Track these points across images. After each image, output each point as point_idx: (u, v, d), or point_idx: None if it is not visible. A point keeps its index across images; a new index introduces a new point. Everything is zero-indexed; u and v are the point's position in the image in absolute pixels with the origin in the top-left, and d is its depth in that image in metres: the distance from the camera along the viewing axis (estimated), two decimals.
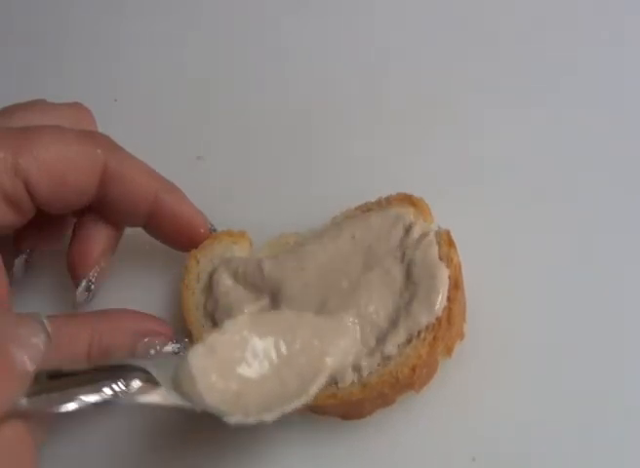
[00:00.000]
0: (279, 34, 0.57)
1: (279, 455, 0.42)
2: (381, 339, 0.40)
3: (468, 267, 0.42)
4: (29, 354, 0.33)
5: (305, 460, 0.42)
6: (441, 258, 0.42)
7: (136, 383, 0.34)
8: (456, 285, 0.41)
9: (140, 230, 0.47)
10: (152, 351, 0.38)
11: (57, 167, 0.42)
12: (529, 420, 0.41)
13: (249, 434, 0.41)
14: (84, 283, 0.45)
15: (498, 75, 0.52)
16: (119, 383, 0.34)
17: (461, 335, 0.42)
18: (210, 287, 0.45)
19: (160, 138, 0.54)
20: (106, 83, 0.58)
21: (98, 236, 0.46)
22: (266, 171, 0.52)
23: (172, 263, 0.48)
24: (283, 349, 0.38)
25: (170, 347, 0.39)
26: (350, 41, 0.56)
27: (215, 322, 0.43)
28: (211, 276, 0.45)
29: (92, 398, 0.34)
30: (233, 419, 0.35)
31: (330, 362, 0.38)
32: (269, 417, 0.35)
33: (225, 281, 0.44)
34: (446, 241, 0.42)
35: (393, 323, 0.41)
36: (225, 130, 0.54)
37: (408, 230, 0.43)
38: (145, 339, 0.39)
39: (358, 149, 0.51)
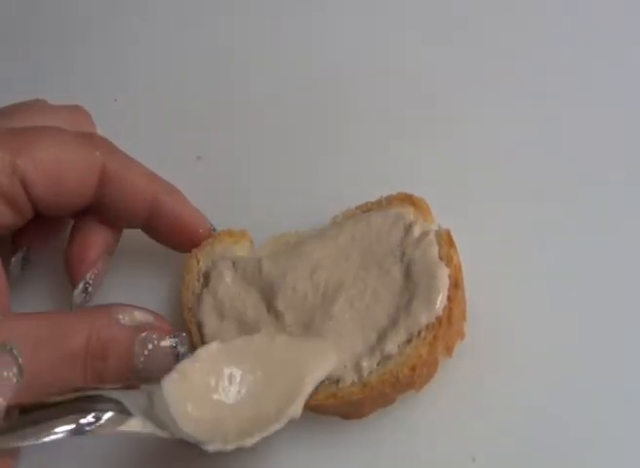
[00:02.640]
0: (279, 34, 0.57)
1: (279, 455, 0.42)
2: (382, 339, 0.40)
3: (468, 267, 0.42)
4: (0, 388, 0.32)
5: (305, 460, 0.42)
6: (441, 258, 0.42)
7: (107, 415, 0.34)
8: (456, 284, 0.41)
9: (139, 230, 0.47)
10: (150, 345, 0.38)
11: (54, 168, 0.42)
12: (529, 420, 0.41)
13: None
14: (81, 284, 0.45)
15: (498, 75, 0.52)
16: (89, 416, 0.34)
17: (462, 335, 0.42)
18: (208, 283, 0.45)
19: (160, 138, 0.54)
20: (106, 83, 0.58)
21: (96, 238, 0.46)
22: (266, 170, 0.52)
23: (172, 263, 0.48)
24: (258, 374, 0.37)
25: (167, 341, 0.39)
26: (350, 41, 0.56)
27: (200, 324, 0.44)
28: (210, 273, 0.45)
29: (63, 432, 0.33)
30: (211, 447, 0.35)
31: (309, 381, 0.38)
32: (249, 442, 0.35)
33: (225, 278, 0.44)
34: (446, 241, 0.42)
35: (393, 322, 0.41)
36: (225, 130, 0.54)
37: (408, 230, 0.43)
38: (143, 334, 0.39)
39: (358, 149, 0.51)
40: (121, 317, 0.39)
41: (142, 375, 0.38)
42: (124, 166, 0.44)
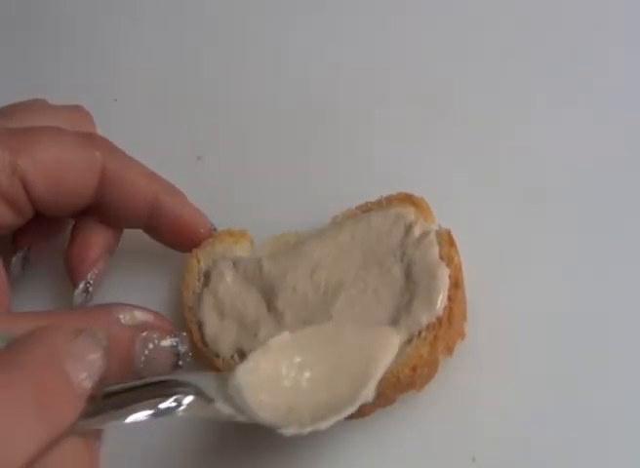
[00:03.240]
0: (279, 34, 0.57)
1: (279, 455, 0.42)
2: None
3: (469, 267, 0.42)
4: (87, 372, 0.32)
5: (305, 460, 0.42)
6: (441, 258, 0.42)
7: (188, 399, 0.34)
8: (456, 284, 0.41)
9: (139, 230, 0.47)
10: (150, 345, 0.38)
11: (54, 168, 0.42)
12: (529, 420, 0.41)
13: (247, 434, 0.41)
14: (82, 284, 0.45)
15: (498, 75, 0.52)
16: (171, 400, 0.34)
17: (462, 335, 0.42)
18: (209, 282, 0.45)
19: (160, 138, 0.54)
20: (106, 83, 0.58)
21: (96, 238, 0.46)
22: (267, 170, 0.52)
23: (172, 263, 0.48)
24: (329, 360, 0.38)
25: (168, 341, 0.39)
26: (350, 41, 0.56)
27: (201, 323, 0.44)
28: (210, 272, 0.45)
29: (147, 414, 0.33)
30: (289, 431, 0.34)
31: (379, 364, 0.38)
32: (324, 426, 0.35)
33: (226, 278, 0.44)
34: (446, 240, 0.42)
35: (394, 322, 0.41)
36: (225, 130, 0.54)
37: (408, 230, 0.43)
38: (144, 333, 0.39)
39: (358, 149, 0.51)
40: (121, 316, 0.39)
41: (143, 375, 0.38)
42: (124, 166, 0.44)
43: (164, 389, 0.34)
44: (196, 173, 0.52)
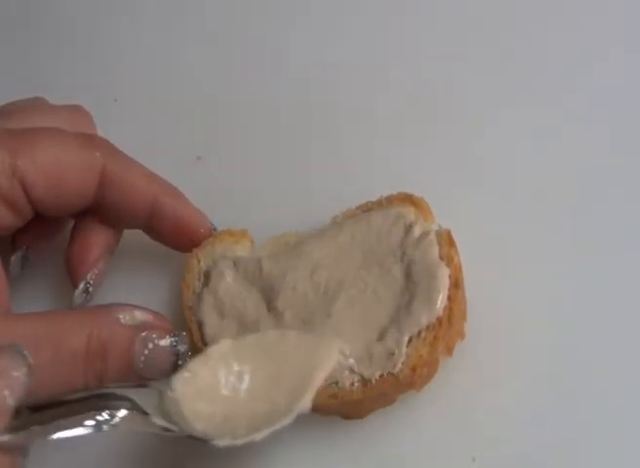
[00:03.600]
0: (279, 34, 0.57)
1: (279, 455, 0.42)
2: (382, 338, 0.40)
3: (469, 267, 0.42)
4: (10, 388, 0.32)
5: (305, 460, 0.42)
6: (441, 258, 0.42)
7: (121, 413, 0.34)
8: (456, 284, 0.41)
9: (140, 230, 0.47)
10: (150, 345, 0.38)
11: (54, 169, 0.42)
12: (529, 420, 0.41)
13: None
14: (82, 285, 0.45)
15: (498, 75, 0.52)
16: (104, 414, 0.34)
17: (462, 335, 0.42)
18: (209, 282, 0.45)
19: (160, 138, 0.54)
20: (106, 83, 0.58)
21: (96, 238, 0.46)
22: (267, 170, 0.52)
23: (172, 263, 0.48)
24: (269, 369, 0.38)
25: (167, 341, 0.39)
26: (350, 41, 0.56)
27: (201, 323, 0.44)
28: (211, 272, 0.45)
29: (76, 430, 0.33)
30: (222, 443, 0.35)
31: (317, 375, 0.38)
32: (258, 437, 0.35)
33: (226, 278, 0.44)
34: (446, 240, 0.42)
35: (394, 322, 0.41)
36: (225, 130, 0.54)
37: (408, 230, 0.43)
38: (143, 333, 0.39)
39: (358, 149, 0.51)
40: (121, 316, 0.39)
41: (143, 375, 0.38)
42: (124, 167, 0.44)
43: (95, 402, 0.34)
44: (196, 173, 0.52)
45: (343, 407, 0.41)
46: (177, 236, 0.46)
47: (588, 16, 0.53)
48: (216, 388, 0.37)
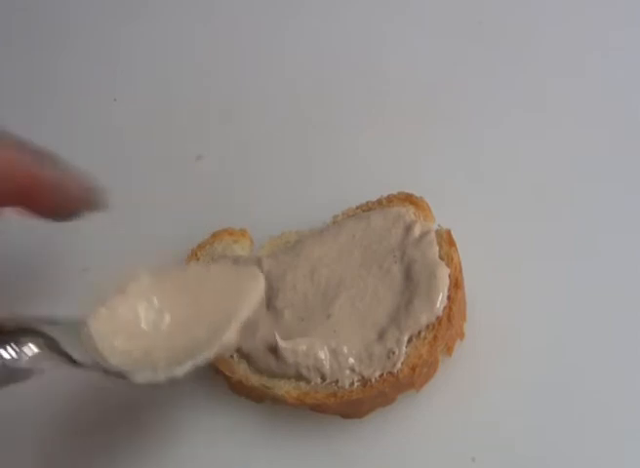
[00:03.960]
0: (279, 34, 0.57)
1: (279, 454, 0.42)
2: (382, 338, 0.40)
3: (468, 267, 0.42)
4: None
5: (306, 459, 0.42)
6: (441, 258, 0.42)
7: (29, 348, 0.33)
8: (456, 284, 0.41)
9: (140, 229, 0.47)
10: None
11: None
12: (529, 420, 0.41)
13: (247, 432, 0.41)
14: None
15: (498, 75, 0.52)
16: (9, 348, 0.32)
17: (462, 335, 0.42)
18: None
19: (160, 138, 0.54)
20: (106, 83, 0.58)
21: None
22: (267, 170, 0.52)
23: (172, 262, 0.48)
24: (190, 302, 0.37)
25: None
26: (351, 41, 0.56)
27: None
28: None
29: None
30: (140, 377, 0.34)
31: (242, 307, 0.37)
32: (180, 371, 0.34)
33: None
34: (446, 240, 0.42)
35: (394, 321, 0.41)
36: (225, 130, 0.54)
37: (408, 229, 0.43)
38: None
39: (358, 149, 0.51)
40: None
41: None
42: None
43: (4, 336, 0.32)
44: (196, 173, 0.52)
45: (343, 406, 0.41)
46: (61, 202, 0.38)
47: (588, 16, 0.53)
48: (135, 324, 0.36)
